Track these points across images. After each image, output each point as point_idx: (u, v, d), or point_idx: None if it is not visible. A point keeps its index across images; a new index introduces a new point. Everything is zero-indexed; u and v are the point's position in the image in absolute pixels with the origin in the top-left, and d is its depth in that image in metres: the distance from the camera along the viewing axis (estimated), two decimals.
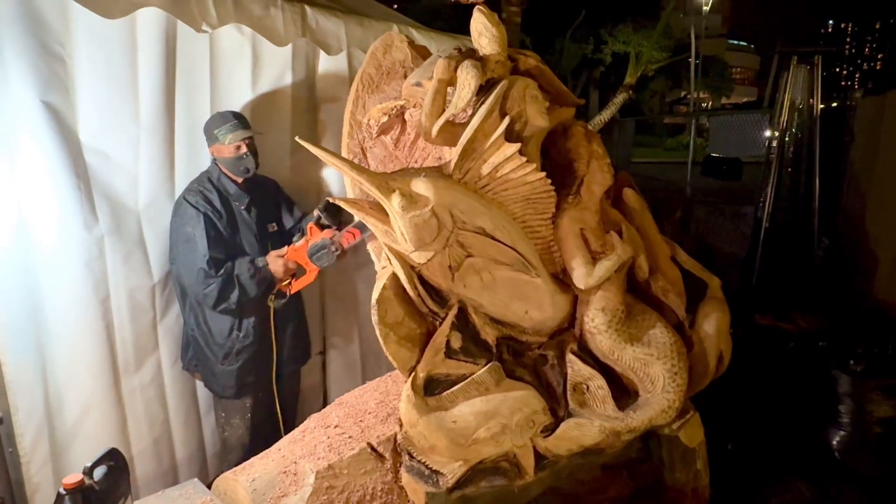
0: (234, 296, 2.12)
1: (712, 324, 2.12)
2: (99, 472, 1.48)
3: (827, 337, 2.95)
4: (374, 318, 1.76)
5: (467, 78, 1.71)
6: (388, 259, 1.82)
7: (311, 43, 2.53)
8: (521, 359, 2.02)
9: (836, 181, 4.34)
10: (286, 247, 2.20)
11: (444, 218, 1.73)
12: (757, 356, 2.98)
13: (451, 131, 1.77)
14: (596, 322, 1.96)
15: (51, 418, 2.05)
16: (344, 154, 2.18)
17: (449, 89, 1.80)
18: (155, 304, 2.28)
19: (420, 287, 1.82)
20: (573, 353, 1.99)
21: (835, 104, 4.46)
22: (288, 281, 2.23)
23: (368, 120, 2.11)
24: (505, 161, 1.76)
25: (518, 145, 1.74)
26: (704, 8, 17.64)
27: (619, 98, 11.52)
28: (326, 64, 2.66)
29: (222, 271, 2.11)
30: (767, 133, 4.66)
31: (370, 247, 2.20)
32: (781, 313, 3.16)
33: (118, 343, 2.18)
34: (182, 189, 2.27)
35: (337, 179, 2.70)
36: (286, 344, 2.39)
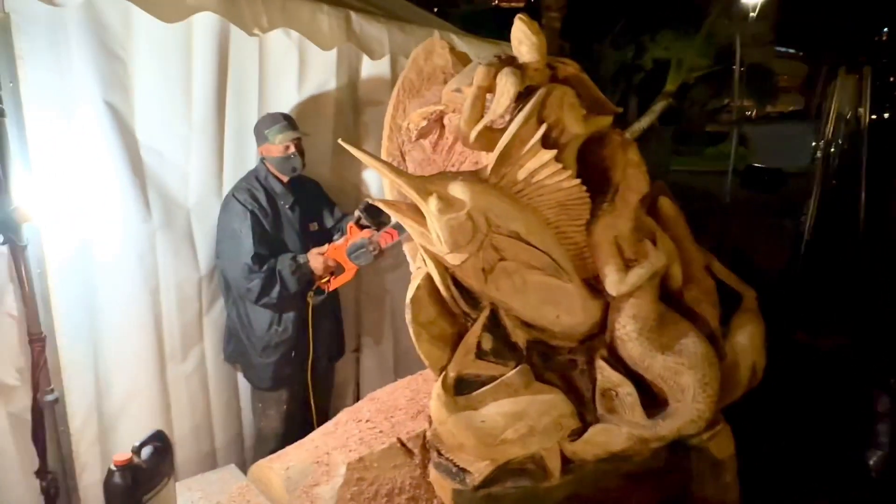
0: (276, 291, 2.20)
1: (746, 336, 2.10)
2: (146, 452, 1.56)
3: (865, 354, 2.88)
4: (408, 317, 1.81)
5: (506, 85, 1.74)
6: (423, 260, 1.87)
7: (354, 48, 2.61)
8: (551, 363, 2.03)
9: (883, 195, 4.21)
10: (327, 245, 2.28)
11: (479, 221, 1.77)
12: (796, 372, 2.92)
13: (489, 137, 1.81)
14: (627, 329, 1.97)
15: (100, 400, 2.17)
16: (383, 157, 2.24)
17: (488, 96, 1.84)
18: (201, 296, 2.39)
19: (453, 288, 1.86)
20: (603, 359, 2.00)
21: (886, 115, 4.32)
22: (327, 278, 2.30)
23: (408, 124, 2.16)
24: (541, 167, 1.78)
25: (554, 152, 1.77)
26: (751, 14, 17.20)
27: (659, 105, 11.33)
28: (369, 69, 2.73)
29: (265, 267, 2.20)
30: (812, 143, 4.55)
31: (406, 248, 2.25)
32: (821, 330, 3.09)
33: (165, 332, 2.29)
34: (230, 187, 2.37)
35: (376, 181, 2.77)
36: (322, 340, 2.46)
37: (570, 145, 1.87)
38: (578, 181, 1.82)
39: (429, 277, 1.85)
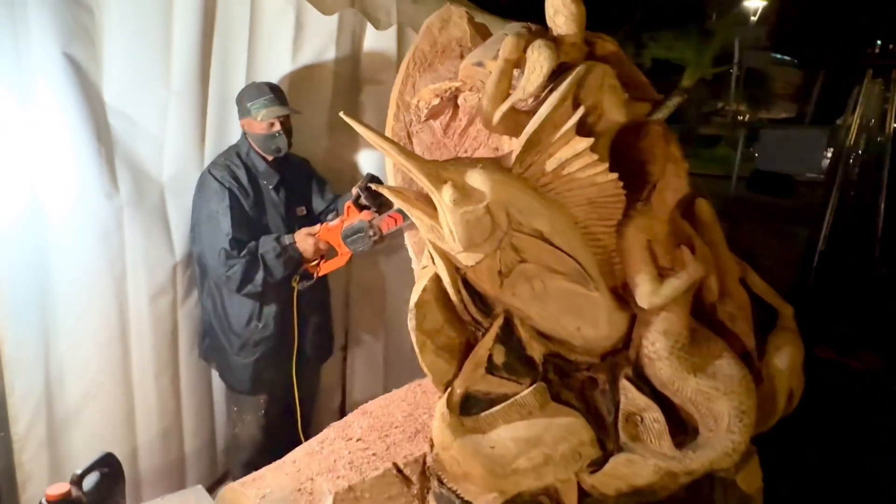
0: (259, 277, 1.94)
1: (784, 358, 1.89)
2: (90, 481, 1.30)
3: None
4: (411, 324, 1.57)
5: (539, 59, 1.49)
6: (431, 258, 1.62)
7: (358, 15, 2.34)
8: (568, 380, 1.81)
9: None
10: (318, 225, 2.01)
11: (499, 217, 1.53)
12: (821, 392, 2.72)
13: (514, 119, 1.56)
14: (656, 346, 1.75)
15: (50, 401, 1.90)
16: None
17: (515, 72, 1.59)
18: (176, 284, 2.11)
19: (464, 292, 1.62)
20: (627, 378, 1.78)
21: None
22: (316, 262, 2.04)
23: (418, 101, 1.91)
24: (573, 157, 1.54)
25: (590, 140, 1.53)
26: (752, 18, 17.12)
27: (674, 101, 11.07)
28: (373, 41, 2.46)
29: (245, 251, 1.93)
30: (827, 151, 4.36)
31: (409, 242, 2.00)
32: (843, 347, 2.90)
33: (132, 325, 2.02)
34: (210, 162, 2.09)
35: (376, 165, 2.51)
36: (309, 337, 2.21)
37: (606, 135, 1.63)
38: (615, 176, 1.59)
39: (436, 279, 1.62)
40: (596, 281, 1.68)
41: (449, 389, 1.60)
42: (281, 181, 2.11)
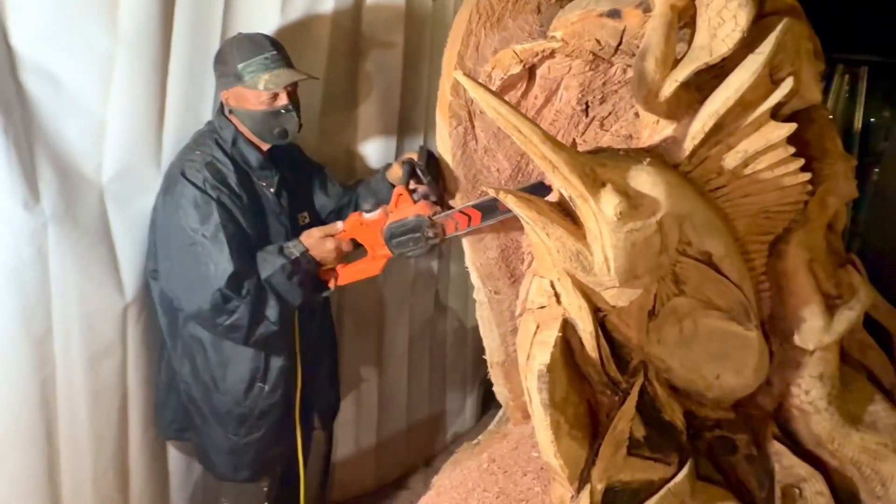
0: (274, 311, 1.31)
1: None
2: None
3: None
4: (542, 397, 1.07)
5: (733, 7, 1.02)
6: (553, 296, 1.12)
7: None
8: (697, 442, 1.39)
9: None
10: (339, 222, 1.41)
11: (671, 236, 1.07)
12: None
13: (676, 95, 1.08)
14: (812, 395, 1.38)
15: None
16: (443, 117, 1.44)
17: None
18: (126, 337, 1.40)
19: (604, 344, 1.13)
20: (776, 438, 1.38)
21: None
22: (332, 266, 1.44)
23: (492, 68, 1.38)
24: (765, 150, 1.10)
25: (793, 127, 1.09)
26: None
27: None
28: None
29: (248, 286, 1.29)
30: None
31: (471, 260, 1.46)
32: None
33: (61, 400, 1.31)
34: (173, 154, 1.42)
35: (379, 153, 1.93)
36: (319, 387, 1.59)
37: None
38: (807, 177, 1.16)
39: (565, 327, 1.11)
40: (755, 317, 1.26)
41: (586, 485, 1.11)
42: (282, 180, 1.47)
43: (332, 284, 1.50)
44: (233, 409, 1.40)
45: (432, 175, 1.41)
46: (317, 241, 1.40)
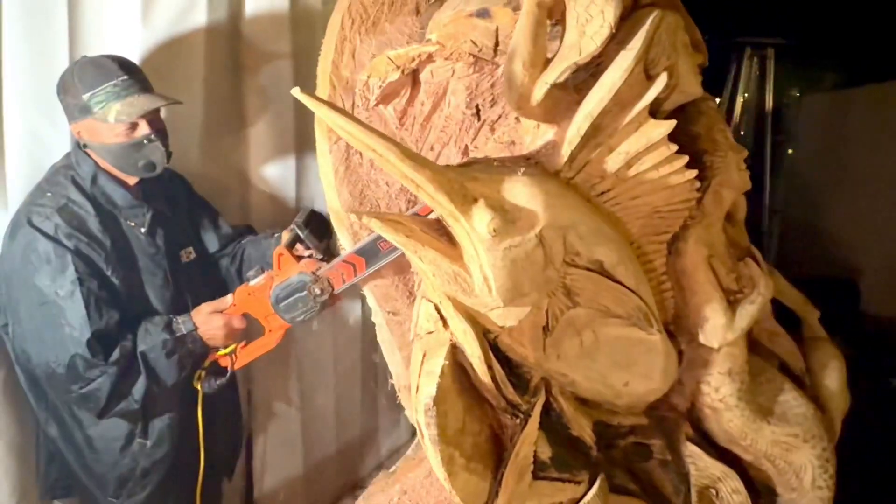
0: (140, 388, 1.17)
1: (834, 377, 1.59)
2: None
3: None
4: (430, 432, 0.98)
5: (601, 1, 0.96)
6: (440, 321, 1.04)
7: None
8: (612, 451, 1.34)
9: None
10: (230, 295, 1.28)
11: (555, 248, 1.01)
12: None
13: (552, 97, 1.02)
14: (722, 392, 1.35)
15: None
16: (319, 134, 1.34)
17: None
18: None
19: (497, 367, 1.06)
20: (689, 439, 1.35)
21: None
22: (232, 348, 1.31)
23: (369, 76, 1.29)
24: (646, 150, 1.05)
25: (671, 124, 1.05)
26: None
27: None
28: None
29: (116, 353, 1.15)
30: None
31: (367, 287, 1.37)
32: None
33: None
34: (19, 196, 1.26)
35: (283, 179, 1.80)
36: (217, 447, 1.45)
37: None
38: (693, 174, 1.12)
39: (453, 353, 1.03)
40: (658, 320, 1.22)
41: None
42: (154, 216, 1.32)
43: (232, 366, 1.37)
44: (108, 472, 1.25)
45: (316, 235, 1.31)
46: (205, 318, 1.27)
